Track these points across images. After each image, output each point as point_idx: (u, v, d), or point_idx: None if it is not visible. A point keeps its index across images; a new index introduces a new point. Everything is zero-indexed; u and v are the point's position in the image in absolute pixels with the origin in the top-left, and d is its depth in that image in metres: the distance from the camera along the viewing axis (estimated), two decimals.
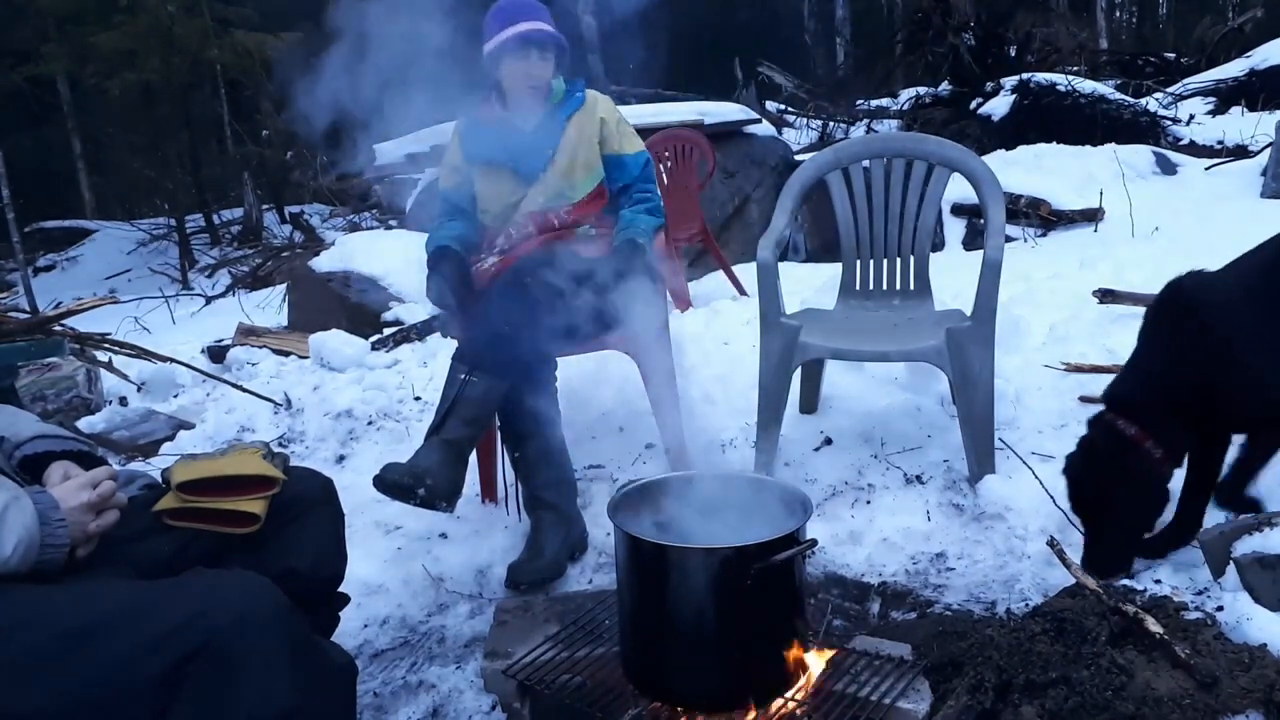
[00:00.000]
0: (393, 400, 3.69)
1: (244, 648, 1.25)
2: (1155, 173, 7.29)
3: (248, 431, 3.65)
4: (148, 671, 1.23)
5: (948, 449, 2.87)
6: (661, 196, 2.88)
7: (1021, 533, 2.48)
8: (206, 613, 1.26)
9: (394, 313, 5.20)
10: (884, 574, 2.42)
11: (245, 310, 6.48)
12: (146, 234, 12.12)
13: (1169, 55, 12.76)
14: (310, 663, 1.36)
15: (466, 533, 2.72)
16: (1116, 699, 1.65)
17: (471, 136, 2.82)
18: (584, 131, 2.77)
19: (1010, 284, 3.37)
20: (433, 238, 2.79)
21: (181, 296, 8.39)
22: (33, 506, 1.35)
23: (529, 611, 2.12)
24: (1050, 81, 9.03)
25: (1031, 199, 6.41)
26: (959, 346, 2.59)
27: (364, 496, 2.96)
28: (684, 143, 5.39)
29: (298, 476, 1.70)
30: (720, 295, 5.19)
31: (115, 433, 3.68)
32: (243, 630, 1.26)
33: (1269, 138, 6.87)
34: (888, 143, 4.54)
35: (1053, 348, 3.55)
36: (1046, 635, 1.81)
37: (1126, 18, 22.71)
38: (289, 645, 1.30)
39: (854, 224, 3.10)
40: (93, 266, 11.97)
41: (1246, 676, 1.67)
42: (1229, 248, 2.35)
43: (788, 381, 2.79)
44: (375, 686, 2.12)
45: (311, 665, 1.36)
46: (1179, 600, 1.96)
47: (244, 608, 1.28)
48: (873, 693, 1.75)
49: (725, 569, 1.65)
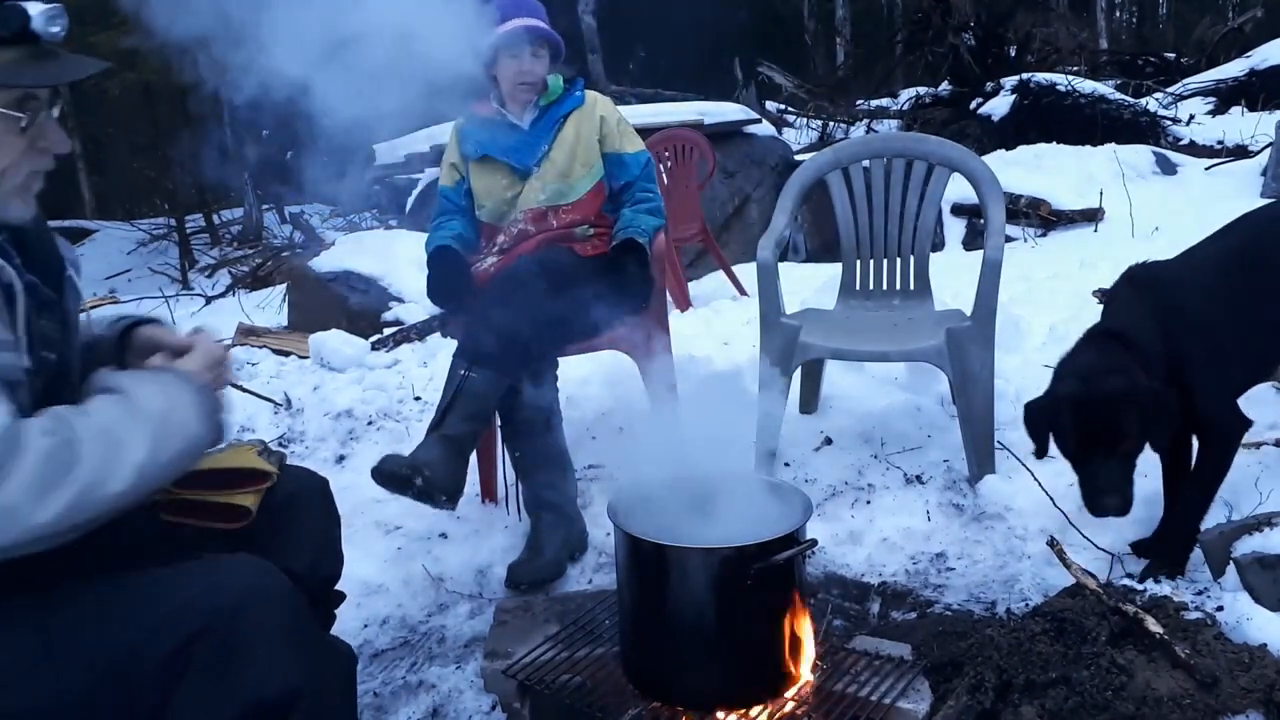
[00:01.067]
0: (393, 400, 3.69)
1: (247, 627, 1.24)
2: (1155, 173, 7.28)
3: (248, 431, 3.65)
4: (154, 654, 1.23)
5: (948, 449, 2.87)
6: (661, 196, 2.87)
7: (1021, 533, 2.48)
8: (209, 593, 1.26)
9: (394, 313, 5.19)
10: (884, 574, 2.42)
11: (245, 310, 6.47)
12: (146, 234, 12.11)
13: (1169, 55, 12.75)
14: (313, 644, 1.35)
15: (466, 533, 2.72)
16: (1116, 699, 1.65)
17: (468, 133, 2.82)
18: (582, 130, 2.77)
19: (1010, 284, 3.37)
20: (432, 237, 2.80)
21: (181, 296, 8.39)
22: (194, 395, 1.35)
23: (529, 611, 2.12)
24: (1050, 81, 9.02)
25: (1031, 199, 6.41)
26: (959, 346, 2.59)
27: (364, 496, 2.96)
28: (684, 143, 5.38)
29: (293, 476, 1.69)
30: (720, 295, 5.19)
31: None
32: (245, 610, 1.25)
33: (1269, 138, 6.87)
34: (888, 143, 4.54)
35: (1053, 348, 3.54)
36: (1046, 635, 1.81)
37: (1126, 18, 22.72)
38: (293, 625, 1.30)
39: (854, 224, 3.10)
40: (93, 266, 11.95)
41: (1246, 676, 1.67)
42: None
43: (788, 382, 2.79)
44: (375, 686, 2.12)
45: (314, 646, 1.35)
46: (1179, 600, 1.96)
47: (246, 587, 1.27)
48: (873, 693, 1.75)
49: (725, 569, 1.65)
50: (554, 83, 2.79)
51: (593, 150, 2.79)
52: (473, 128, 2.83)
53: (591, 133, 2.79)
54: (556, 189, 2.75)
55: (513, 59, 2.69)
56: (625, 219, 2.76)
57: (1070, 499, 2.56)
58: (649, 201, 2.80)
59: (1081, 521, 2.45)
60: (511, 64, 2.70)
